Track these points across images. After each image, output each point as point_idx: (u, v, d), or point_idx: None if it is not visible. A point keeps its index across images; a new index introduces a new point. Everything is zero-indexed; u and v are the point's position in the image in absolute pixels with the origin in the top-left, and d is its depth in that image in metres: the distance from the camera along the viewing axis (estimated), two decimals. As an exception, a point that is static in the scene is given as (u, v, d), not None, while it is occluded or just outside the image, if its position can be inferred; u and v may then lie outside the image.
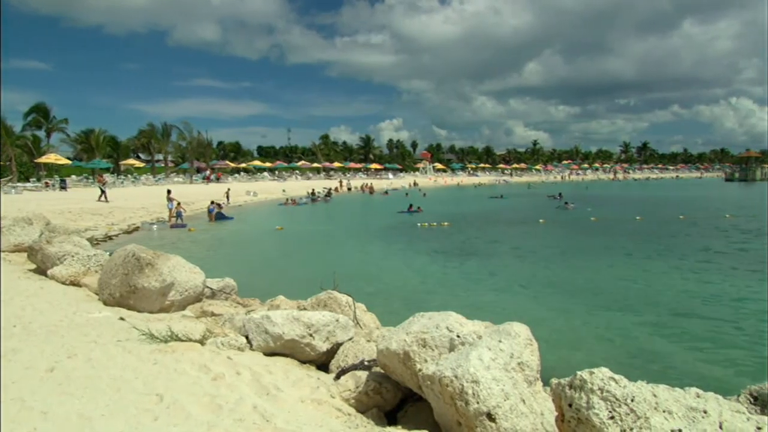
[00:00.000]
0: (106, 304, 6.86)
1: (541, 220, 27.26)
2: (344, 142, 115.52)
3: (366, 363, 4.93)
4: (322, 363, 5.47)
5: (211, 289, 8.09)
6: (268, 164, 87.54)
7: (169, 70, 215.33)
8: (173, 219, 24.91)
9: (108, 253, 9.10)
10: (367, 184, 62.20)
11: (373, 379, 4.45)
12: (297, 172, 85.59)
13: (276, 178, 77.31)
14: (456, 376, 3.30)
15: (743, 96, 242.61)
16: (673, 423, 2.33)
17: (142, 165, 71.96)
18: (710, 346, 7.80)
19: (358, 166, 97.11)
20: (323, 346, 5.39)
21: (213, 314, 6.80)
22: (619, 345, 7.81)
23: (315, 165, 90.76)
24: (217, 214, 26.91)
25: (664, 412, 2.37)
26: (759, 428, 2.51)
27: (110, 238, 19.38)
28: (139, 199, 32.03)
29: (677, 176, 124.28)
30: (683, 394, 2.58)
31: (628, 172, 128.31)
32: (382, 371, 4.51)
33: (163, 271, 6.86)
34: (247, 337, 5.50)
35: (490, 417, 3.17)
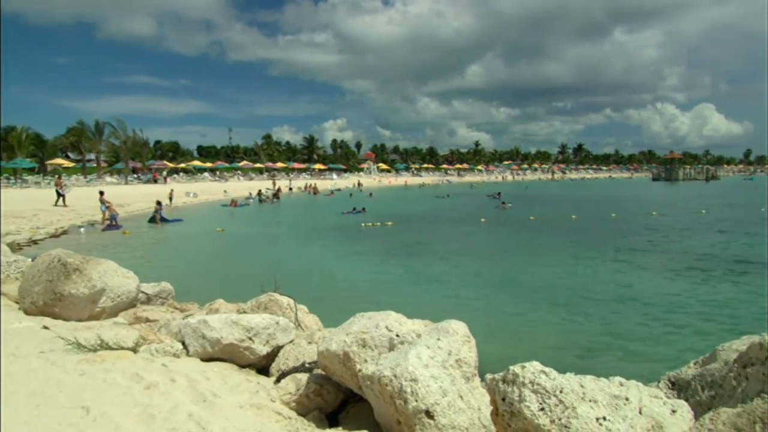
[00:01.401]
0: (27, 313, 6.44)
1: (482, 219, 27.94)
2: (288, 142, 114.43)
3: (307, 365, 4.87)
4: (263, 367, 5.37)
5: (146, 294, 7.76)
6: (208, 164, 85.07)
7: (101, 65, 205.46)
8: (106, 222, 23.74)
9: (30, 258, 8.55)
10: (311, 185, 61.63)
11: (313, 381, 4.41)
12: (239, 172, 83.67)
13: (217, 178, 75.27)
14: (395, 375, 3.32)
15: (667, 101, 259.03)
16: (598, 411, 2.44)
17: (71, 165, 68.14)
18: (636, 337, 8.26)
19: (302, 166, 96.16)
20: (263, 350, 5.29)
21: (148, 320, 6.53)
22: (553, 339, 8.13)
23: (258, 165, 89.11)
24: (161, 216, 26.04)
25: (590, 401, 2.48)
26: (674, 411, 2.68)
27: (35, 242, 18.21)
28: (69, 200, 30.29)
29: (610, 176, 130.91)
30: (608, 383, 2.70)
31: (565, 173, 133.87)
32: (323, 373, 4.48)
33: (93, 277, 6.51)
34: (183, 343, 5.32)
35: (429, 414, 3.21)
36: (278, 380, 4.68)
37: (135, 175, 66.92)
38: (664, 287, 11.96)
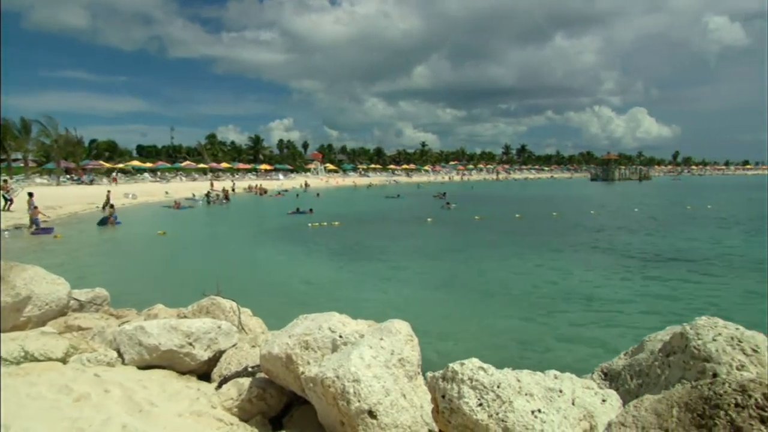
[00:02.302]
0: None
1: (429, 219, 28.31)
2: (233, 142, 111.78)
3: (250, 369, 4.77)
4: (204, 373, 5.22)
5: (79, 301, 7.37)
6: (149, 165, 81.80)
7: (28, 58, 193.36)
8: (34, 225, 22.43)
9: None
10: (258, 185, 60.46)
11: (256, 386, 4.32)
12: (181, 173, 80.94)
13: (158, 179, 72.49)
14: (338, 377, 3.31)
15: (604, 105, 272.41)
16: (534, 404, 2.52)
17: (-7, 165, 63.73)
18: (573, 331, 8.61)
19: (248, 166, 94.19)
20: (204, 355, 5.14)
21: (80, 328, 6.20)
22: (496, 335, 8.35)
23: (201, 165, 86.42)
24: (102, 218, 24.97)
25: (526, 395, 2.56)
26: (604, 400, 2.82)
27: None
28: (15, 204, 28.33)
29: (552, 176, 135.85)
30: (543, 377, 2.80)
31: (509, 173, 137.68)
32: (266, 377, 4.40)
33: (17, 284, 6.12)
34: (119, 351, 5.09)
35: (372, 414, 3.21)
36: (220, 386, 4.56)
37: (68, 176, 63.42)
38: (600, 283, 12.52)
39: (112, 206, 26.67)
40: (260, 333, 6.44)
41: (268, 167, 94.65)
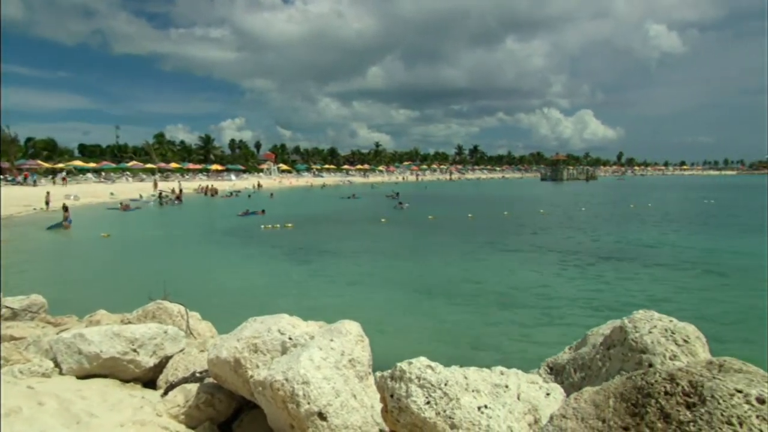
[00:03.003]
0: None
1: (382, 220, 28.41)
2: (182, 142, 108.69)
3: (198, 374, 4.65)
4: (150, 380, 5.04)
5: (12, 309, 6.98)
6: (92, 165, 78.32)
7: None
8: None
9: None
10: (209, 186, 58.96)
11: (204, 391, 4.20)
12: (128, 173, 77.95)
13: (102, 180, 69.55)
14: (287, 379, 3.26)
15: (553, 107, 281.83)
16: (480, 400, 2.56)
17: None
18: (523, 327, 8.85)
19: (198, 167, 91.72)
20: (150, 361, 4.96)
21: (13, 338, 5.86)
22: (447, 333, 8.48)
23: (149, 166, 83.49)
24: (56, 223, 23.93)
25: (473, 391, 2.60)
26: (548, 394, 2.90)
27: None
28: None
29: (503, 176, 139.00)
30: (489, 373, 2.85)
31: (462, 173, 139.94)
32: (214, 382, 4.29)
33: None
34: (56, 361, 4.84)
35: (322, 416, 3.18)
36: (166, 393, 4.41)
37: (2, 176, 59.90)
38: (548, 280, 12.92)
39: (66, 209, 25.30)
40: (209, 337, 6.29)
41: (219, 167, 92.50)
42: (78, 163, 77.82)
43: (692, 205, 40.73)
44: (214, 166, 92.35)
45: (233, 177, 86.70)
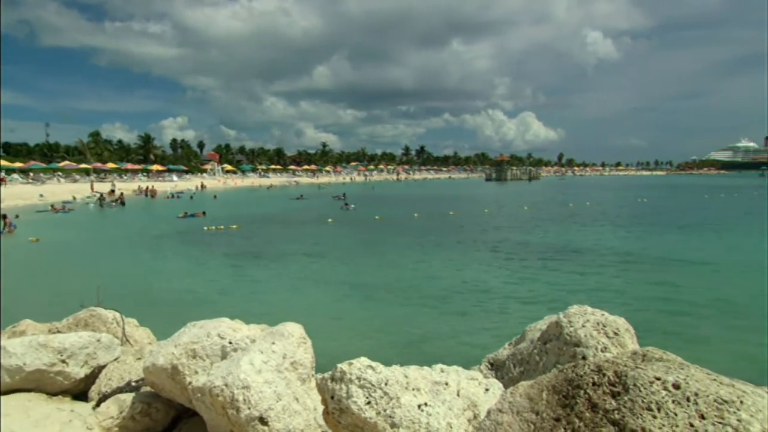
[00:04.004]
0: None
1: (329, 220, 28.27)
2: (120, 141, 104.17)
3: (134, 384, 4.46)
4: (81, 392, 4.78)
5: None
6: (18, 164, 73.54)
7: None
8: None
9: None
10: (148, 187, 56.72)
11: (140, 401, 4.04)
12: (59, 173, 73.77)
13: (30, 181, 65.50)
14: (226, 384, 3.18)
15: (497, 109, 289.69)
16: (421, 398, 2.59)
17: None
18: (465, 325, 9.05)
19: (137, 167, 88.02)
20: (80, 372, 4.70)
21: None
22: (391, 332, 8.54)
23: (83, 166, 79.30)
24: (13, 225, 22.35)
25: (413, 390, 2.62)
26: (487, 389, 2.97)
27: None
28: None
29: (449, 177, 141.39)
30: (430, 371, 2.89)
31: (409, 174, 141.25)
32: (151, 390, 4.13)
33: None
34: (-27, 376, 4.51)
35: (263, 421, 3.13)
36: (98, 404, 4.21)
37: None
38: (491, 277, 13.25)
39: (4, 216, 23.50)
40: (147, 344, 6.04)
41: (160, 168, 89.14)
42: (3, 162, 72.87)
43: (627, 204, 42.94)
44: (155, 167, 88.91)
45: (175, 178, 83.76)
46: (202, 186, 68.70)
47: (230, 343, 3.76)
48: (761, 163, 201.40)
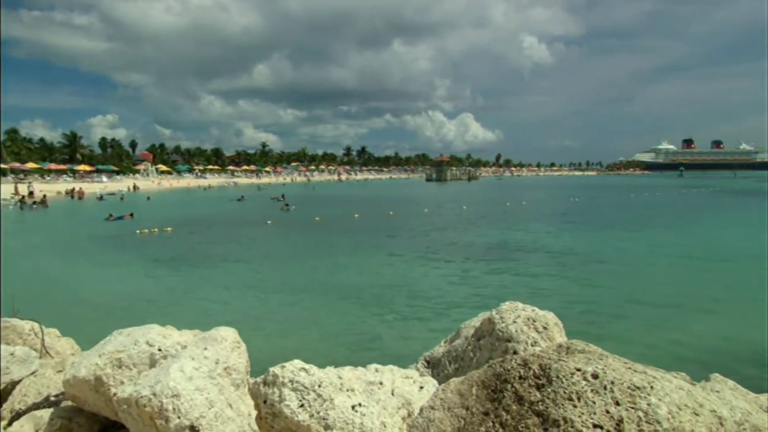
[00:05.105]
0: None
1: (269, 222, 27.78)
2: (41, 139, 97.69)
3: (53, 398, 4.18)
4: (-7, 410, 4.44)
5: None
6: None
7: None
8: None
9: None
10: (76, 189, 53.54)
11: (60, 416, 3.79)
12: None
13: (-64, 182, 60.20)
14: (154, 394, 3.04)
15: (437, 110, 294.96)
16: (355, 399, 2.58)
17: None
18: (403, 324, 9.16)
19: (62, 167, 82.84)
20: (-8, 389, 4.37)
21: None
22: (329, 334, 8.50)
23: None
24: None
25: (347, 391, 2.61)
26: (422, 387, 3.00)
27: None
28: None
29: (390, 177, 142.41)
30: (364, 371, 2.89)
31: (351, 174, 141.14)
32: (72, 404, 3.89)
33: None
34: None
35: (194, 429, 3.01)
36: (10, 423, 3.92)
37: None
38: (429, 277, 13.49)
39: None
40: (70, 355, 5.68)
41: (88, 168, 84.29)
42: None
43: (560, 203, 44.85)
44: (82, 167, 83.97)
45: (104, 178, 79.48)
46: (135, 187, 65.72)
47: (160, 350, 3.61)
48: (680, 164, 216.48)
